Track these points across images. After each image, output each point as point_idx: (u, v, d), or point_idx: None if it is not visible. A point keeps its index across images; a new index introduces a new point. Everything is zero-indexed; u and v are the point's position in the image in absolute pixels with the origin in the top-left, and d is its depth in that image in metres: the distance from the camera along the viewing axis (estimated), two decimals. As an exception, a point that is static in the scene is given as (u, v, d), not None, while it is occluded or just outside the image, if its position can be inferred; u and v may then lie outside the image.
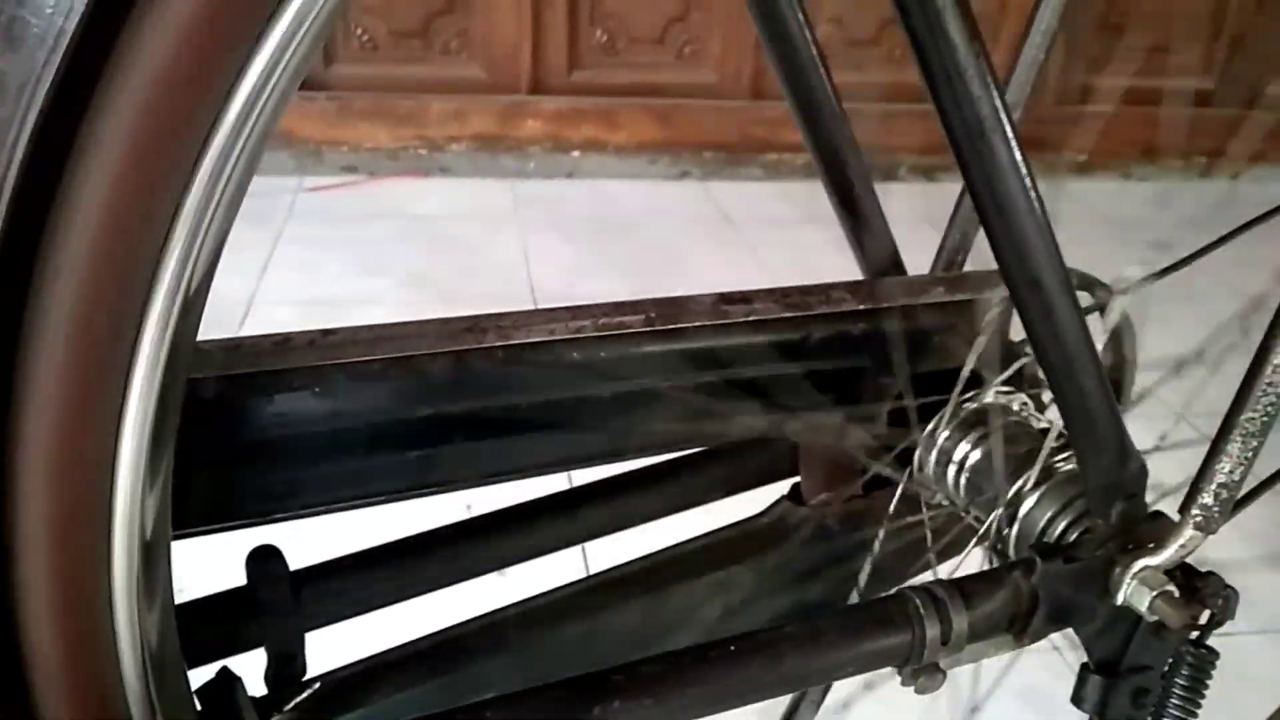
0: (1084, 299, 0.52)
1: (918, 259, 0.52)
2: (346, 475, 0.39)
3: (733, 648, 0.37)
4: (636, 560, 0.47)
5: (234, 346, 0.37)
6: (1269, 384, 0.36)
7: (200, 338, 0.31)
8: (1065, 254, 0.36)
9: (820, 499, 0.49)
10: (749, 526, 0.49)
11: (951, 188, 0.44)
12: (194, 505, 0.36)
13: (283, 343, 0.38)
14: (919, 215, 0.72)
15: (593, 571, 0.46)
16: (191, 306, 0.29)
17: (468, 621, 0.43)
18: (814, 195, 0.55)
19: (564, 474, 0.45)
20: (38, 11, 0.23)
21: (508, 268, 1.81)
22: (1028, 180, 0.34)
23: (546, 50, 2.30)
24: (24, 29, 0.24)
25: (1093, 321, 0.51)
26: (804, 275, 0.48)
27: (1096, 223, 2.04)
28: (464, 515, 0.45)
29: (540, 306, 0.42)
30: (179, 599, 0.35)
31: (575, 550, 0.46)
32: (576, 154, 2.34)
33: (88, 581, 0.32)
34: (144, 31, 0.24)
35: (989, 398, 0.46)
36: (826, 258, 0.71)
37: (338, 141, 2.23)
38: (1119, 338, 0.51)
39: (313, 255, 1.76)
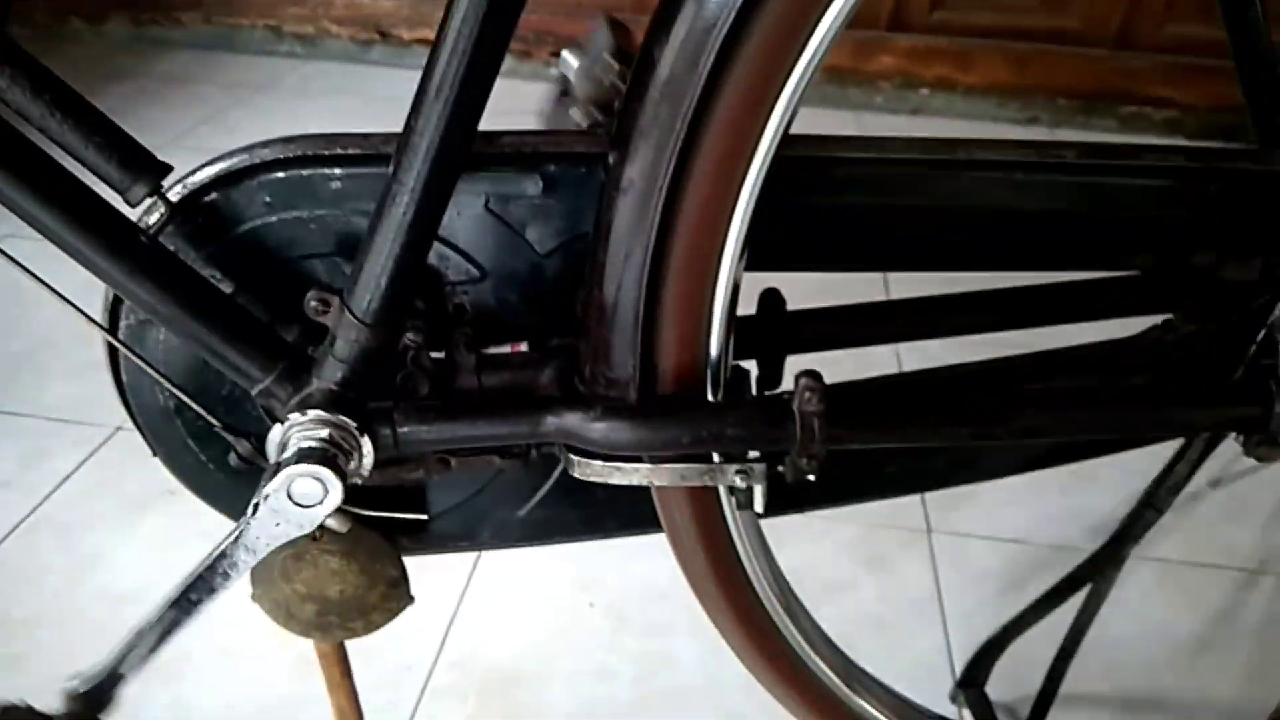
0: None
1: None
2: (844, 241, 0.56)
3: (1116, 396, 0.51)
4: (1025, 355, 0.61)
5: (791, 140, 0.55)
6: None
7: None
8: None
9: (1190, 329, 0.60)
10: (1128, 343, 0.62)
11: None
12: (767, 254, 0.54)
13: (807, 140, 0.56)
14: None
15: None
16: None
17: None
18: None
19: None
20: None
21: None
22: None
23: (912, -13, 2.38)
24: None
25: None
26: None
27: None
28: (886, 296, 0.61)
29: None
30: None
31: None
32: (925, 92, 2.42)
33: (706, 295, 0.51)
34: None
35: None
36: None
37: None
38: None
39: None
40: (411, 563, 0.61)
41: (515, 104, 0.52)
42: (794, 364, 0.58)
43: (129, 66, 2.42)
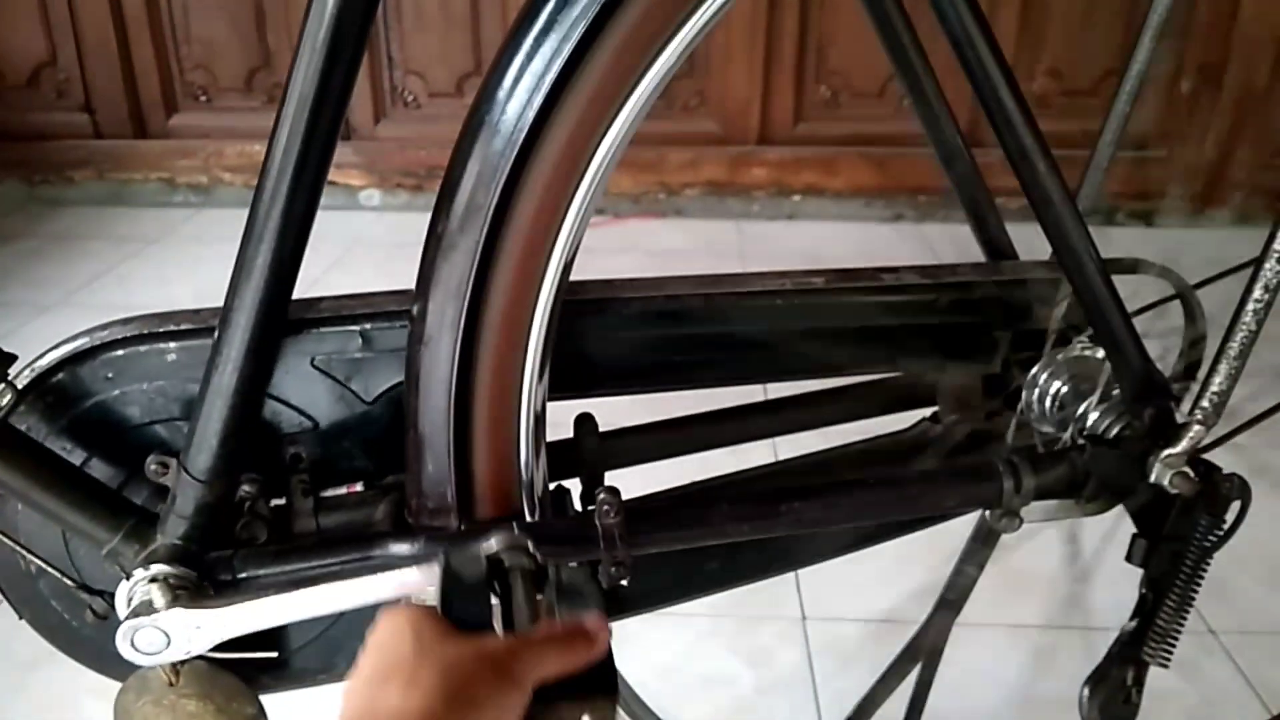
0: (1167, 287, 0.70)
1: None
2: (636, 368, 0.64)
3: (875, 482, 0.59)
4: (813, 454, 0.69)
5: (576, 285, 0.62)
6: (1245, 323, 0.54)
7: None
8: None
9: (951, 420, 0.69)
10: (900, 437, 0.70)
11: (1170, 232, 0.63)
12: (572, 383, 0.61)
13: (598, 284, 0.64)
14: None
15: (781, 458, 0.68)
16: (568, 269, 0.55)
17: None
18: (1022, 236, 0.72)
19: (763, 386, 0.67)
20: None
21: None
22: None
23: (774, 105, 2.56)
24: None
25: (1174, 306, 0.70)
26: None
27: None
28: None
29: (759, 273, 0.65)
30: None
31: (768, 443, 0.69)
32: (797, 198, 2.58)
33: (510, 425, 0.58)
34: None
35: (1075, 350, 0.65)
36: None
37: (589, 186, 2.58)
38: (1193, 314, 0.68)
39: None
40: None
41: (410, 235, 0.58)
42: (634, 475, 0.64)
43: (22, 226, 2.46)
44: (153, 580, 0.55)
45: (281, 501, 0.62)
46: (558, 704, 0.43)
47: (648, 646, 0.76)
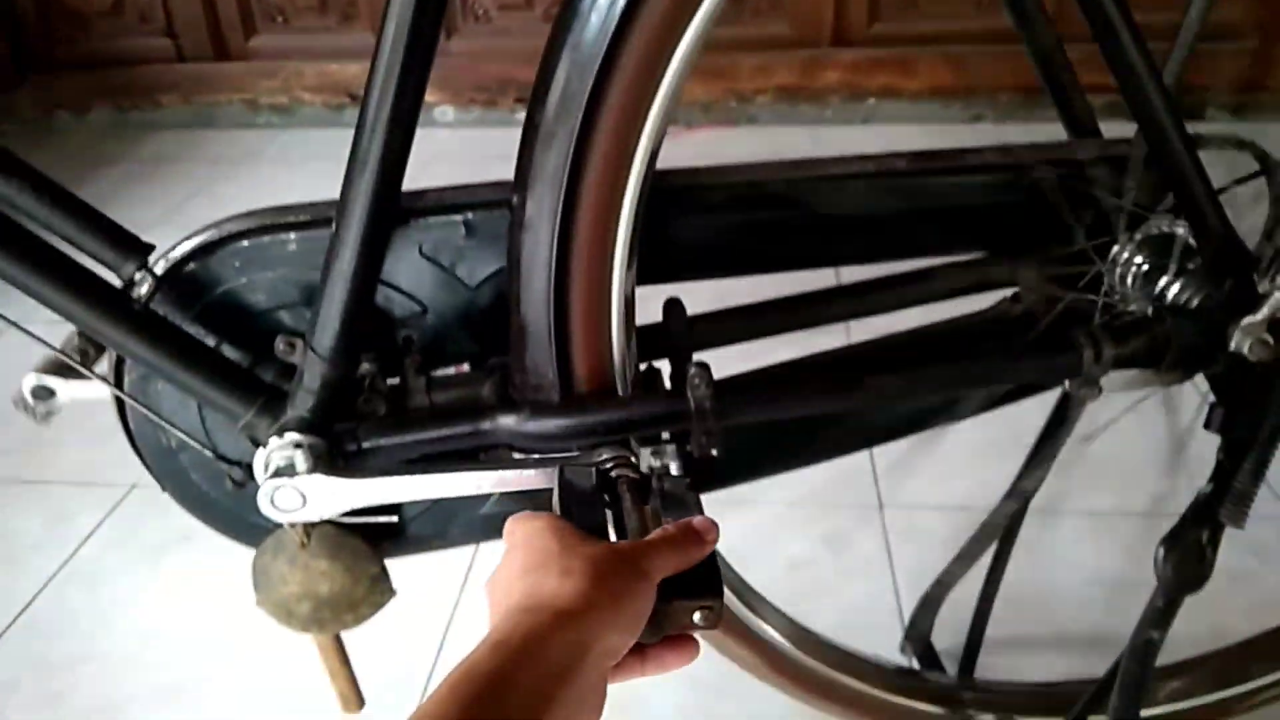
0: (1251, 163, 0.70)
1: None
2: (721, 253, 0.67)
3: (956, 356, 0.61)
4: (894, 335, 0.71)
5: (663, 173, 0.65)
6: (1332, 190, 0.55)
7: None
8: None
9: (1033, 299, 0.71)
10: (981, 316, 0.72)
11: (1261, 126, 0.62)
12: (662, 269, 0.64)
13: (683, 172, 0.66)
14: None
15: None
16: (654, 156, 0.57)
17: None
18: (1109, 133, 0.72)
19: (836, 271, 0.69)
20: None
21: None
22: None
23: (848, 4, 2.50)
24: None
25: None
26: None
27: None
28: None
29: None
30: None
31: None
32: (872, 101, 2.53)
33: (603, 307, 0.61)
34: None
35: (1157, 225, 0.66)
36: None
37: (661, 95, 2.57)
38: (1277, 188, 0.68)
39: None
40: (408, 570, 0.71)
41: (487, 149, 0.62)
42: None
43: (116, 151, 2.55)
44: (293, 445, 0.61)
45: (397, 381, 0.67)
46: (673, 600, 0.47)
47: (731, 532, 0.80)
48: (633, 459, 0.59)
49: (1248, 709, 0.84)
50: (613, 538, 0.53)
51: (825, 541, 1.18)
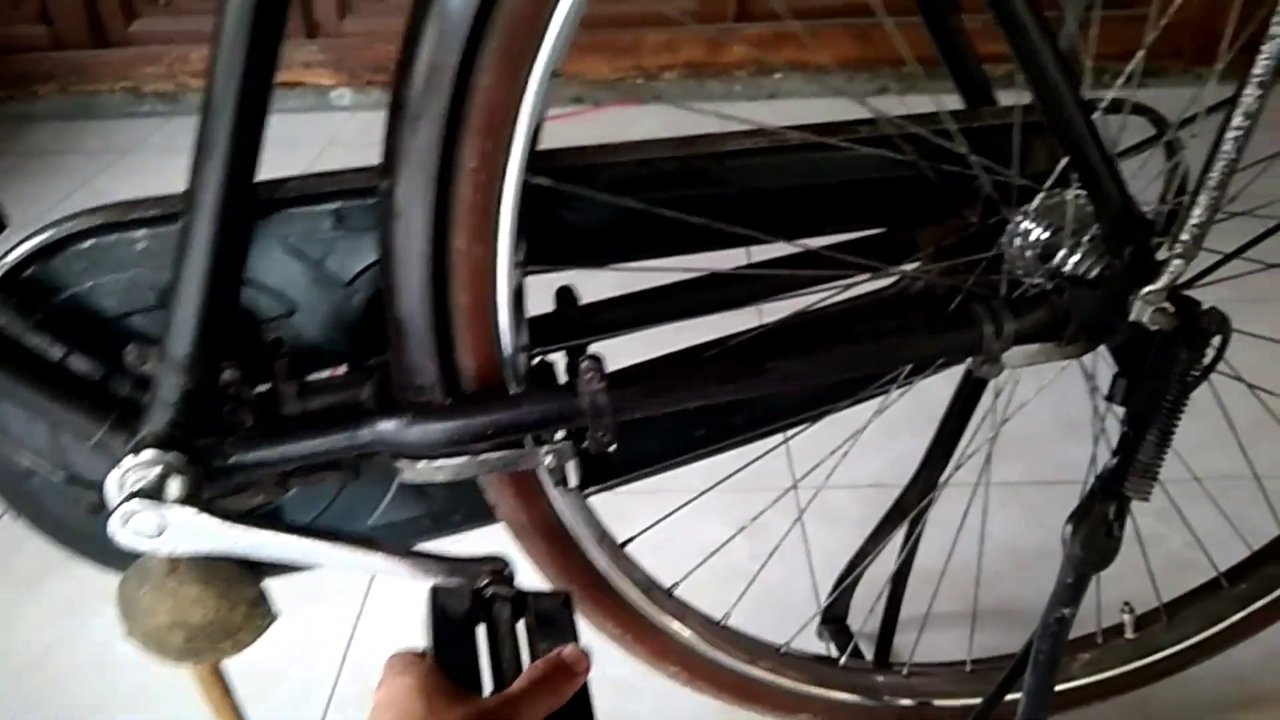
0: (1147, 127, 0.69)
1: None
2: (614, 237, 0.63)
3: (856, 336, 0.59)
4: (793, 315, 0.68)
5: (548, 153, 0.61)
6: (1224, 151, 0.53)
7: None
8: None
9: (933, 274, 0.69)
10: (881, 294, 0.70)
11: (1160, 92, 0.61)
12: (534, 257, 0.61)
13: (570, 151, 0.62)
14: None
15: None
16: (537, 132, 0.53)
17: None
18: (1006, 100, 0.70)
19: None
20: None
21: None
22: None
23: (752, -21, 2.48)
24: None
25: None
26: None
27: None
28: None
29: (734, 132, 0.64)
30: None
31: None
32: (779, 76, 2.52)
33: (489, 298, 0.57)
34: None
35: (1055, 195, 0.64)
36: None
37: (567, 76, 2.52)
38: (1173, 151, 0.67)
39: (549, 172, 2.06)
40: (308, 586, 0.66)
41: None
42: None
43: (-8, 145, 2.41)
44: (144, 465, 0.56)
45: (268, 387, 0.62)
46: None
47: (642, 520, 0.77)
48: (507, 571, 0.57)
49: (1159, 678, 0.84)
50: (486, 676, 0.52)
51: (739, 526, 1.16)
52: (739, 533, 0.97)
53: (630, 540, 0.72)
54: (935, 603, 1.01)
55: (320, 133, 2.37)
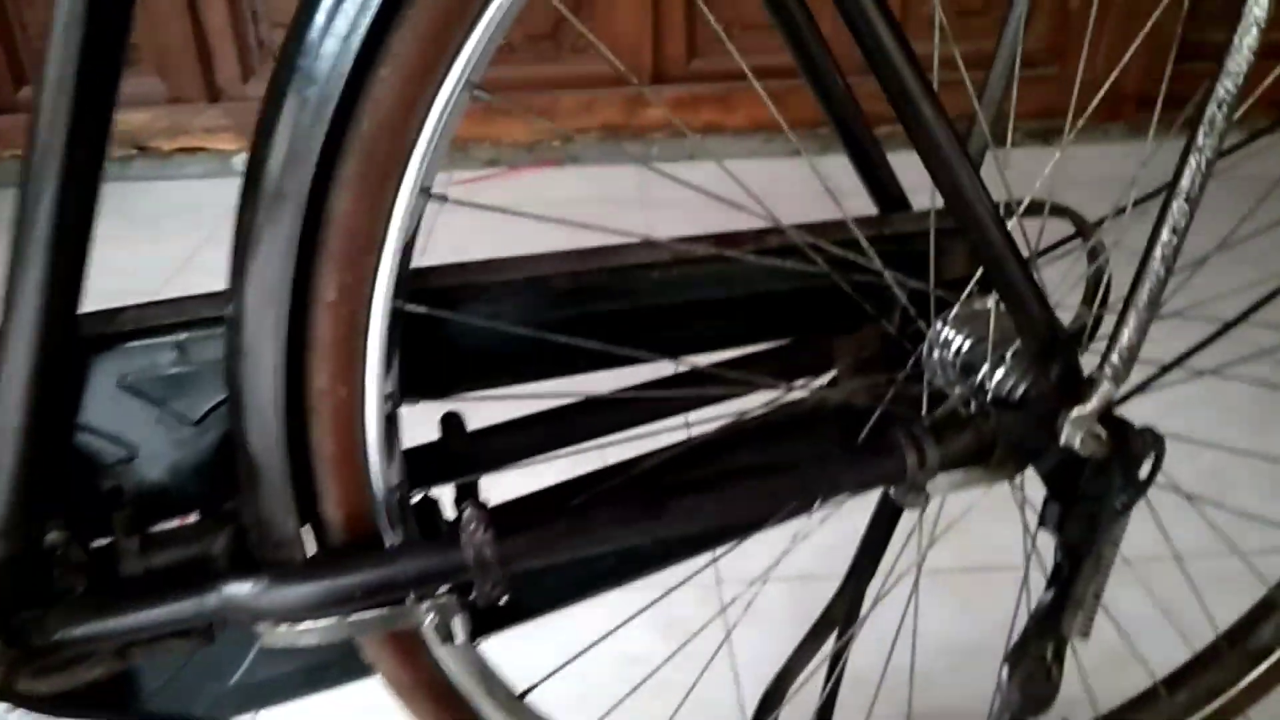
0: (1068, 228, 0.66)
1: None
2: (502, 360, 0.57)
3: (768, 470, 0.53)
4: (701, 436, 0.63)
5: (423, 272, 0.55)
6: (1153, 270, 0.50)
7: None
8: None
9: (851, 387, 0.64)
10: (796, 408, 0.65)
11: (1066, 150, 0.57)
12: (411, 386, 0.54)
13: (450, 269, 0.56)
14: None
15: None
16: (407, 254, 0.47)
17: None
18: (916, 163, 0.66)
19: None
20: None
21: (634, 244, 2.00)
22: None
23: (666, 41, 2.46)
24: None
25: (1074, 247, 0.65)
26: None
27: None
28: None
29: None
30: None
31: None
32: (696, 137, 2.50)
33: (355, 437, 0.51)
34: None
35: (977, 304, 0.60)
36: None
37: (481, 138, 2.47)
38: (1096, 256, 0.64)
39: (463, 240, 1.99)
40: None
41: None
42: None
43: None
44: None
45: (107, 541, 0.54)
46: None
47: (559, 628, 0.70)
48: None
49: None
50: None
51: (661, 629, 1.09)
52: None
53: (529, 690, 0.65)
54: (867, 707, 0.96)
55: (222, 199, 2.26)
